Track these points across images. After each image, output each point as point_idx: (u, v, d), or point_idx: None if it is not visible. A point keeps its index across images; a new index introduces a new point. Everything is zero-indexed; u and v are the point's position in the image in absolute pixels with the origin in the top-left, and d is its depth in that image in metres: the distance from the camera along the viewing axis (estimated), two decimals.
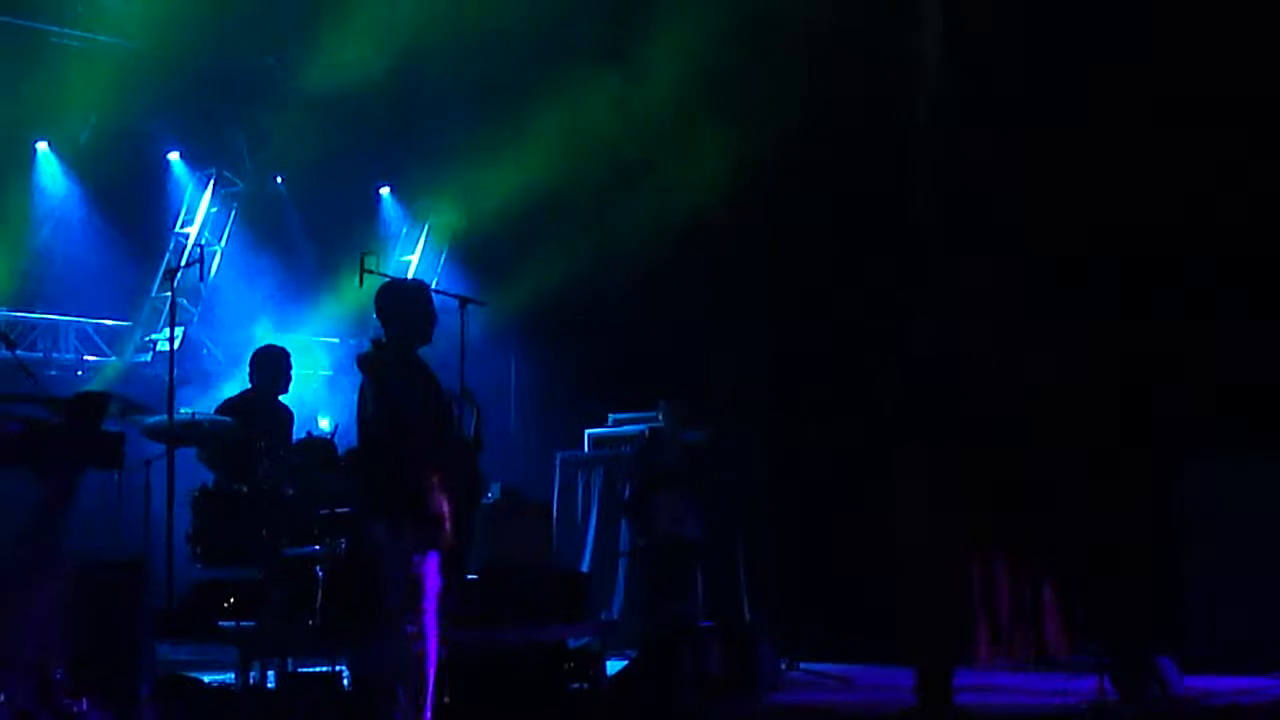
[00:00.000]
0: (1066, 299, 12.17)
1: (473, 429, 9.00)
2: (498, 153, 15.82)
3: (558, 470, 14.53)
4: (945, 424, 8.66)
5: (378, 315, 7.74)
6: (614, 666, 10.47)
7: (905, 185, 12.96)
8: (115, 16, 14.33)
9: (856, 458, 12.56)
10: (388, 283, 8.07)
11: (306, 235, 16.83)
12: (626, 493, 12.64)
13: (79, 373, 15.34)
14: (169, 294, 11.65)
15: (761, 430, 13.75)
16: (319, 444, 9.70)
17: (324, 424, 13.97)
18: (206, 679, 8.78)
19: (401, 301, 7.78)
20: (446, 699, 8.73)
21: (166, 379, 10.24)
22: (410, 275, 17.34)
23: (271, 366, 10.41)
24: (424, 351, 7.80)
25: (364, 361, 7.69)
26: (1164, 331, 11.92)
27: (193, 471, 10.00)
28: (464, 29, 14.61)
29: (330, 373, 16.54)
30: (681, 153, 14.23)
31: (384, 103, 16.12)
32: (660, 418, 12.32)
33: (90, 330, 15.73)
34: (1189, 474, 11.66)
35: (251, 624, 8.78)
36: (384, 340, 7.71)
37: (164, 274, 15.74)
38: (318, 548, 8.87)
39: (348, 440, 8.72)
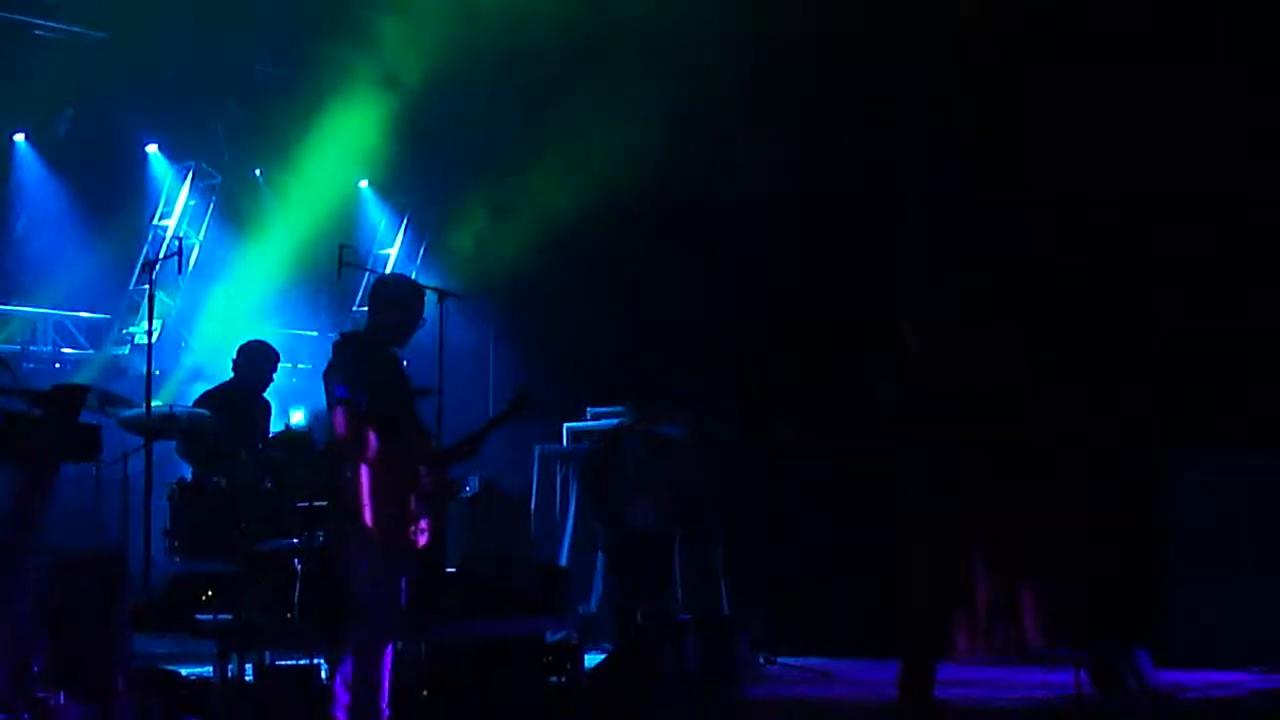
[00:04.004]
0: (1056, 299, 12.24)
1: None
2: (478, 149, 15.83)
3: (536, 463, 14.52)
4: (932, 421, 8.70)
5: (369, 302, 7.69)
6: (592, 660, 10.47)
7: (896, 183, 13.04)
8: (93, 9, 14.28)
9: (837, 452, 12.59)
10: (381, 275, 8.05)
11: (285, 228, 16.80)
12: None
13: (57, 365, 15.30)
14: (147, 287, 11.62)
15: (740, 423, 13.76)
16: (297, 437, 9.68)
17: (296, 417, 13.96)
18: (184, 672, 8.76)
19: (381, 297, 7.73)
20: (425, 692, 8.75)
21: (144, 372, 10.21)
22: (389, 269, 17.35)
23: (259, 363, 10.41)
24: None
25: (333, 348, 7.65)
26: (1147, 331, 11.99)
27: (171, 464, 9.98)
28: (440, 28, 14.63)
29: (309, 366, 16.51)
30: (662, 144, 14.22)
31: (365, 98, 16.11)
32: (626, 414, 12.26)
33: (68, 323, 15.70)
34: (1167, 470, 11.71)
35: (229, 617, 8.77)
36: (357, 331, 7.67)
37: (142, 267, 15.70)
38: (295, 541, 8.85)
39: None
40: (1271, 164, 11.59)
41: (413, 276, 16.37)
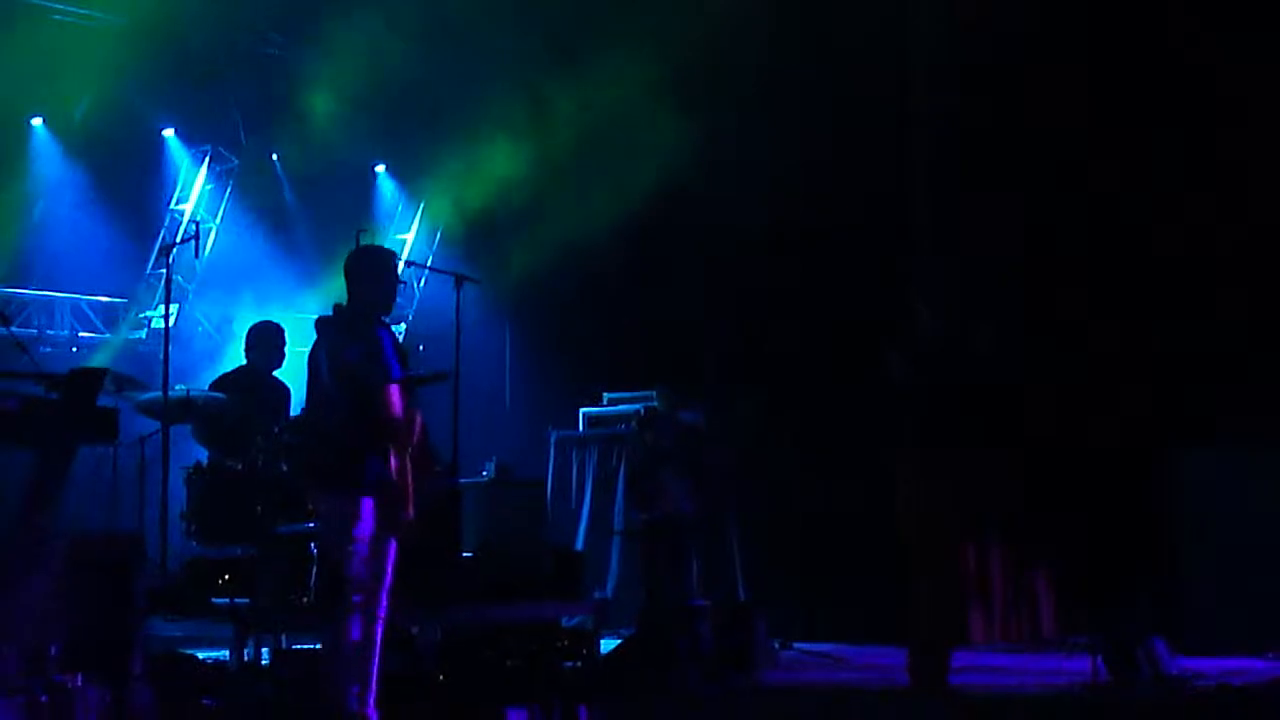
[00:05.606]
0: (1067, 292, 12.22)
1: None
2: (492, 129, 15.81)
3: (552, 448, 14.53)
4: (945, 408, 8.70)
5: (346, 278, 7.64)
6: (608, 645, 10.48)
7: (905, 174, 13.01)
8: None
9: (852, 438, 12.58)
10: (359, 247, 8.00)
11: (302, 212, 16.81)
12: (621, 471, 12.64)
13: (74, 349, 15.33)
14: (164, 270, 11.64)
15: (756, 409, 13.75)
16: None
17: None
18: (201, 655, 8.79)
19: (370, 266, 7.66)
20: (441, 677, 8.76)
21: (161, 355, 10.21)
22: (405, 254, 17.33)
23: (266, 342, 10.38)
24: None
25: (321, 324, 7.60)
26: (1161, 324, 11.97)
27: (188, 448, 9.99)
28: (462, 7, 14.62)
29: None
30: (677, 128, 14.19)
31: (380, 81, 16.09)
32: (657, 399, 12.34)
33: (85, 307, 15.73)
34: (1183, 460, 11.69)
35: (246, 601, 8.79)
36: (344, 305, 7.61)
37: (159, 251, 15.77)
38: (312, 525, 8.84)
39: None
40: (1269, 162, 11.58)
41: (428, 262, 16.51)
